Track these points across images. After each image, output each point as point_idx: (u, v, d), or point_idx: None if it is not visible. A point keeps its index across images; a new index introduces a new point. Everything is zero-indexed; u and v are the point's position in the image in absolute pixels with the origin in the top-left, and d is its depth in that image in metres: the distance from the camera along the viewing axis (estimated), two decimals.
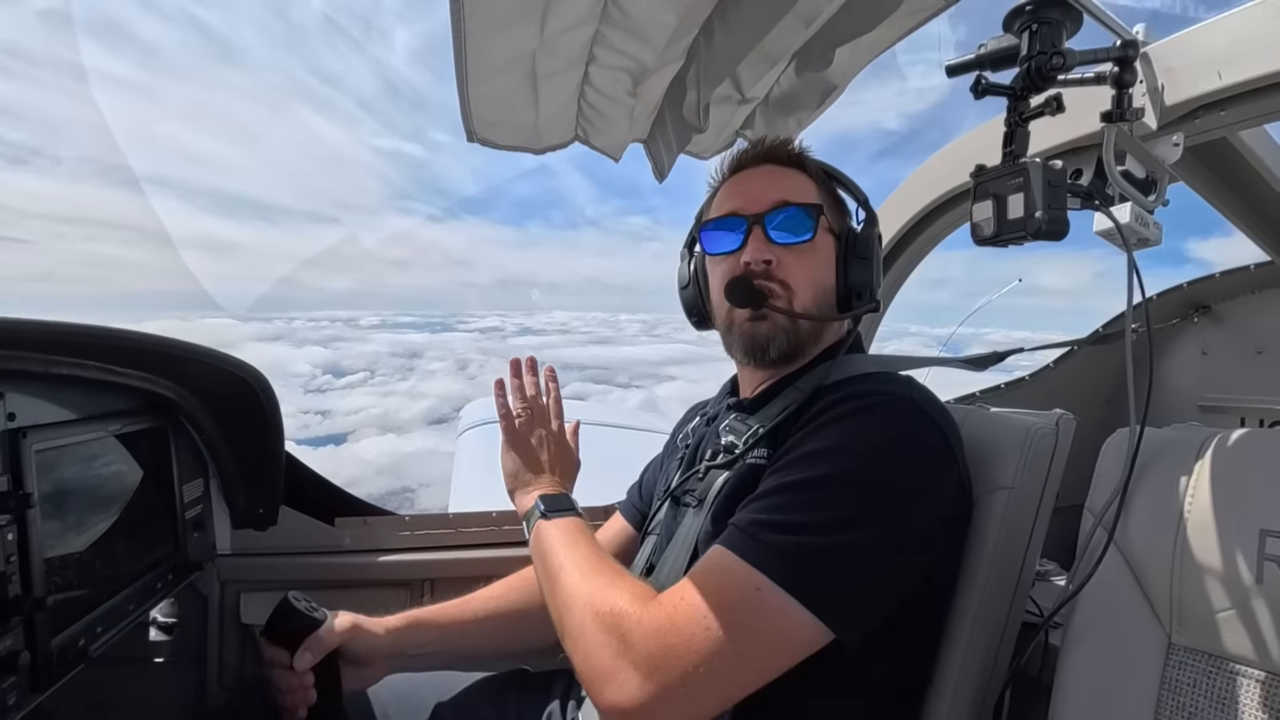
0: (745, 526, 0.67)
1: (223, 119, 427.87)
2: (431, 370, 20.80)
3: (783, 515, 0.66)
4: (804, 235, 0.85)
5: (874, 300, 0.89)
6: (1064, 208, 0.73)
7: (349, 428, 35.67)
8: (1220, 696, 0.63)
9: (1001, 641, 0.79)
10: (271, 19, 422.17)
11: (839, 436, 0.71)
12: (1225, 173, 1.17)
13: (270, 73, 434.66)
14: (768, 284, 0.85)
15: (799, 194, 0.87)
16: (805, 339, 0.87)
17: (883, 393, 0.75)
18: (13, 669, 0.68)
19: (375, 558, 1.31)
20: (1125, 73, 0.80)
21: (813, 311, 0.86)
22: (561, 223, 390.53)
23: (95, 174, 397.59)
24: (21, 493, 0.71)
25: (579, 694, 0.94)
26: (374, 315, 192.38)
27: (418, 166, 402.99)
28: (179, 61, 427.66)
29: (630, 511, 1.12)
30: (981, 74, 0.77)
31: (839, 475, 0.67)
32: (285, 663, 0.84)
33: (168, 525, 1.04)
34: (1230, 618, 0.64)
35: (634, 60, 1.01)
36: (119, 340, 0.83)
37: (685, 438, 1.02)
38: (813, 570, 0.63)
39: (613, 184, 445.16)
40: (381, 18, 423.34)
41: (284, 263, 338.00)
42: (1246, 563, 0.63)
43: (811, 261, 0.86)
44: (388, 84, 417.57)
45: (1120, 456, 0.76)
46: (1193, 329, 1.97)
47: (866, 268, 0.87)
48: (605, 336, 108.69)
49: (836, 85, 1.18)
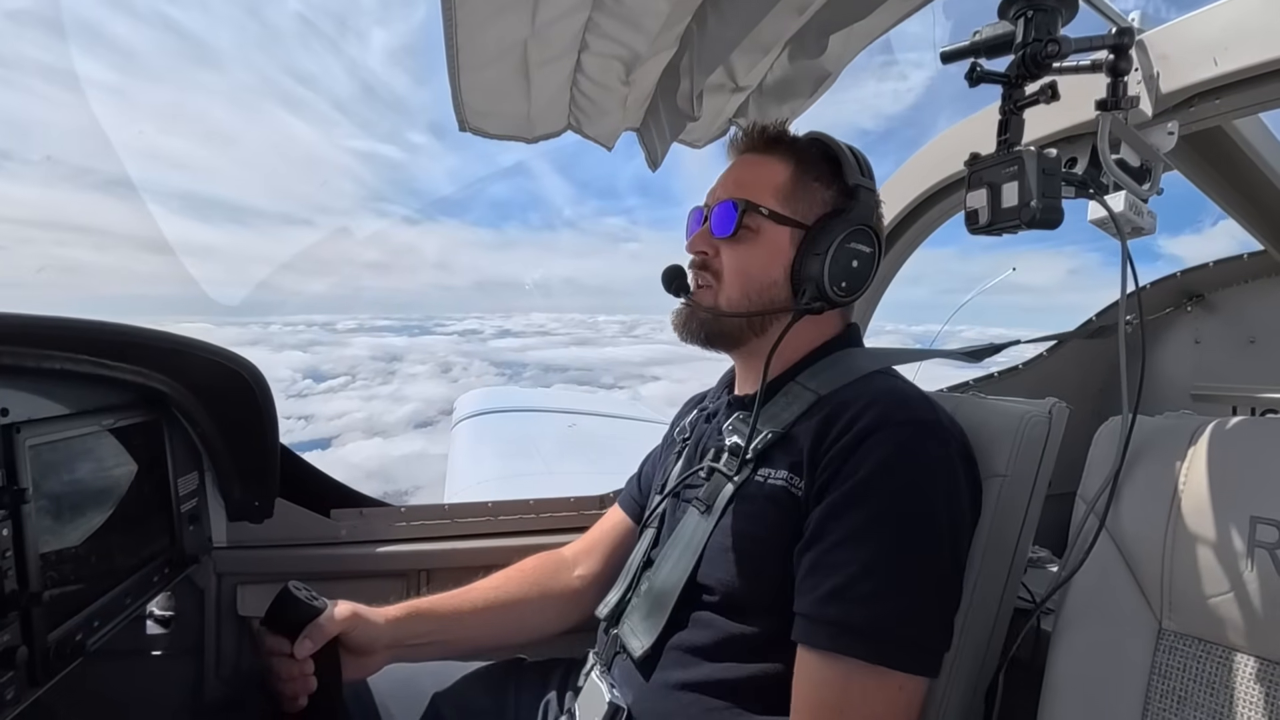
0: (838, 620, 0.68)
1: (196, 120, 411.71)
2: (413, 374, 20.66)
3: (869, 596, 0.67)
4: (726, 230, 0.87)
5: (824, 297, 0.85)
6: (1058, 196, 0.73)
7: (334, 432, 35.52)
8: (1210, 680, 0.64)
9: (994, 627, 0.80)
10: (246, 19, 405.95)
11: (885, 496, 0.71)
12: (1220, 161, 1.17)
13: (244, 73, 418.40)
14: (701, 273, 0.91)
15: (748, 185, 0.89)
16: (732, 329, 0.89)
17: (911, 423, 0.75)
18: (10, 664, 0.68)
19: (372, 549, 1.31)
20: (1120, 60, 0.80)
21: (739, 304, 0.88)
22: (539, 224, 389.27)
23: (65, 178, 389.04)
24: (16, 488, 0.71)
25: (575, 683, 0.95)
26: (350, 319, 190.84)
27: (394, 168, 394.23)
28: (151, 62, 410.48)
29: (628, 504, 1.13)
30: (976, 61, 0.76)
31: (904, 540, 0.70)
32: (285, 651, 0.84)
33: (163, 519, 1.03)
34: (1220, 603, 0.64)
35: (627, 48, 1.00)
36: (112, 334, 0.82)
37: (683, 431, 1.03)
38: (912, 635, 0.68)
39: (590, 185, 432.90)
40: (358, 18, 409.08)
41: (259, 266, 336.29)
42: (1237, 549, 0.64)
43: (744, 254, 0.88)
44: (364, 85, 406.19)
45: (1113, 444, 0.76)
46: (1186, 318, 1.98)
47: (817, 262, 0.84)
48: (585, 338, 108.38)
49: (830, 72, 1.17)
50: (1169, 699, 0.66)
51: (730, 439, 0.87)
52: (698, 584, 0.81)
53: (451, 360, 38.91)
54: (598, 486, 1.44)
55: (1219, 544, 0.65)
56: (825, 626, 0.68)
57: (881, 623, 0.66)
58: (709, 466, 0.88)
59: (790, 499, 0.77)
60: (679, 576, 0.82)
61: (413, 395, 45.48)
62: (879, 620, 0.66)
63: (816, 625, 0.69)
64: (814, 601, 0.69)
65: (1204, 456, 0.69)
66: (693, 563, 0.82)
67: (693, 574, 0.81)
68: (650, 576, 0.87)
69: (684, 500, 0.90)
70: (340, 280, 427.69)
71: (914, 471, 0.72)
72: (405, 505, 1.39)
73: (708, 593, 0.80)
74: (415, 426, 36.20)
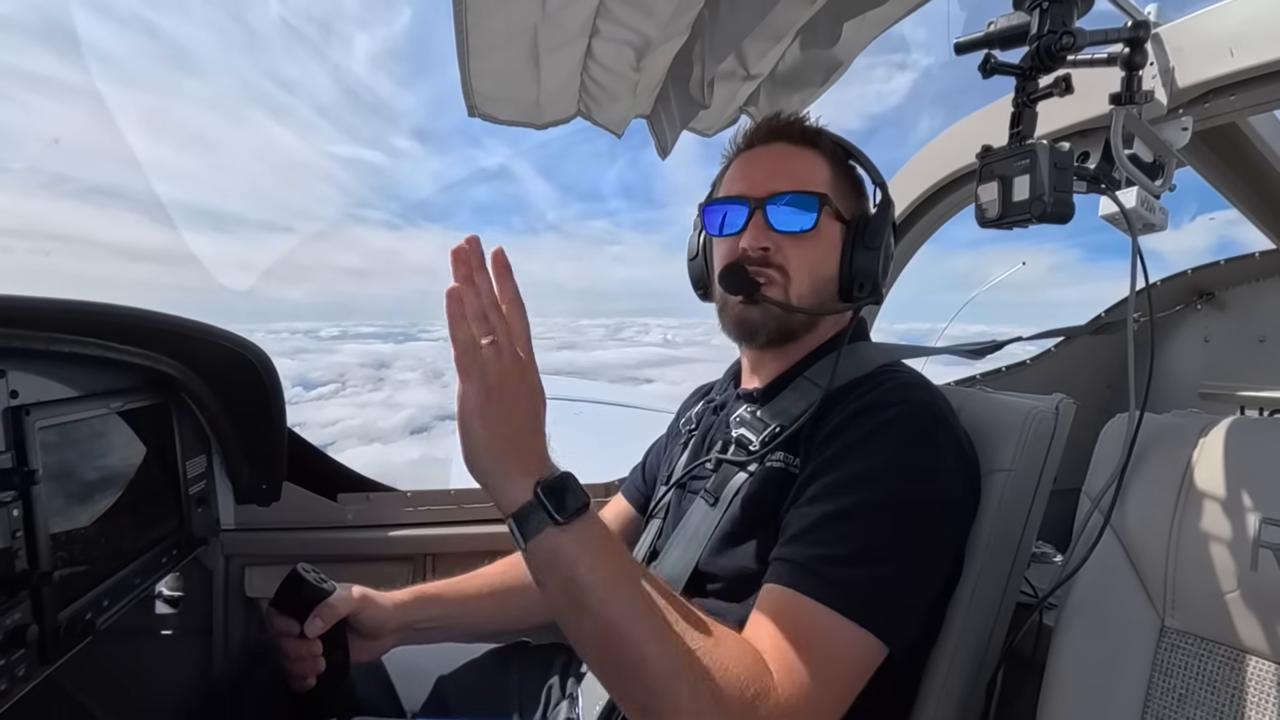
0: (807, 563, 0.68)
1: (177, 127, 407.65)
2: (403, 380, 20.05)
3: (841, 549, 0.67)
4: (805, 224, 0.84)
5: (877, 292, 0.87)
6: (1070, 191, 0.73)
7: (328, 439, 35.35)
8: (1211, 679, 0.64)
9: (997, 620, 0.80)
10: (229, 24, 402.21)
11: (874, 456, 0.71)
12: (1233, 158, 1.16)
13: (226, 79, 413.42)
14: (764, 270, 0.84)
15: (806, 178, 0.86)
16: (798, 326, 0.87)
17: (908, 401, 0.76)
18: (21, 642, 0.69)
19: (378, 533, 1.32)
20: (1136, 54, 0.79)
21: (809, 301, 0.85)
22: (522, 228, 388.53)
23: (44, 185, 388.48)
24: (26, 469, 0.71)
25: (579, 669, 0.96)
26: (334, 326, 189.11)
27: (377, 173, 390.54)
28: (131, 68, 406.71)
29: (633, 493, 1.13)
30: (990, 52, 0.76)
31: (884, 501, 0.69)
32: (295, 632, 0.85)
33: (171, 501, 1.04)
34: (1223, 603, 0.64)
35: (638, 33, 0.99)
36: (119, 317, 0.83)
37: (689, 422, 1.02)
38: (880, 600, 0.66)
39: (574, 188, 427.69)
40: (342, 23, 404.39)
41: (241, 274, 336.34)
42: (1241, 549, 0.64)
43: (811, 250, 0.85)
44: (347, 90, 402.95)
45: (1119, 441, 0.76)
46: (1195, 316, 1.96)
47: (873, 258, 0.86)
48: (570, 341, 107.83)
49: (842, 61, 1.16)
50: (1169, 696, 0.66)
51: (738, 431, 0.87)
52: (702, 573, 0.81)
53: (442, 366, 38.36)
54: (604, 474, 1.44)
55: (1224, 544, 0.65)
56: (797, 568, 0.68)
57: (852, 578, 0.66)
58: (716, 458, 0.88)
59: (787, 478, 0.77)
60: (685, 566, 0.82)
61: (406, 402, 45.23)
62: (851, 576, 0.66)
63: (785, 565, 0.69)
64: (790, 546, 0.70)
65: (1211, 456, 0.69)
66: (698, 553, 0.82)
67: (698, 563, 0.82)
68: (656, 567, 0.88)
69: (690, 491, 0.90)
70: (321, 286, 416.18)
71: (912, 451, 0.72)
72: (411, 490, 1.40)
73: (712, 581, 0.81)
74: (411, 433, 36.03)
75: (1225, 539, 0.65)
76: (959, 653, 0.77)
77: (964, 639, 0.77)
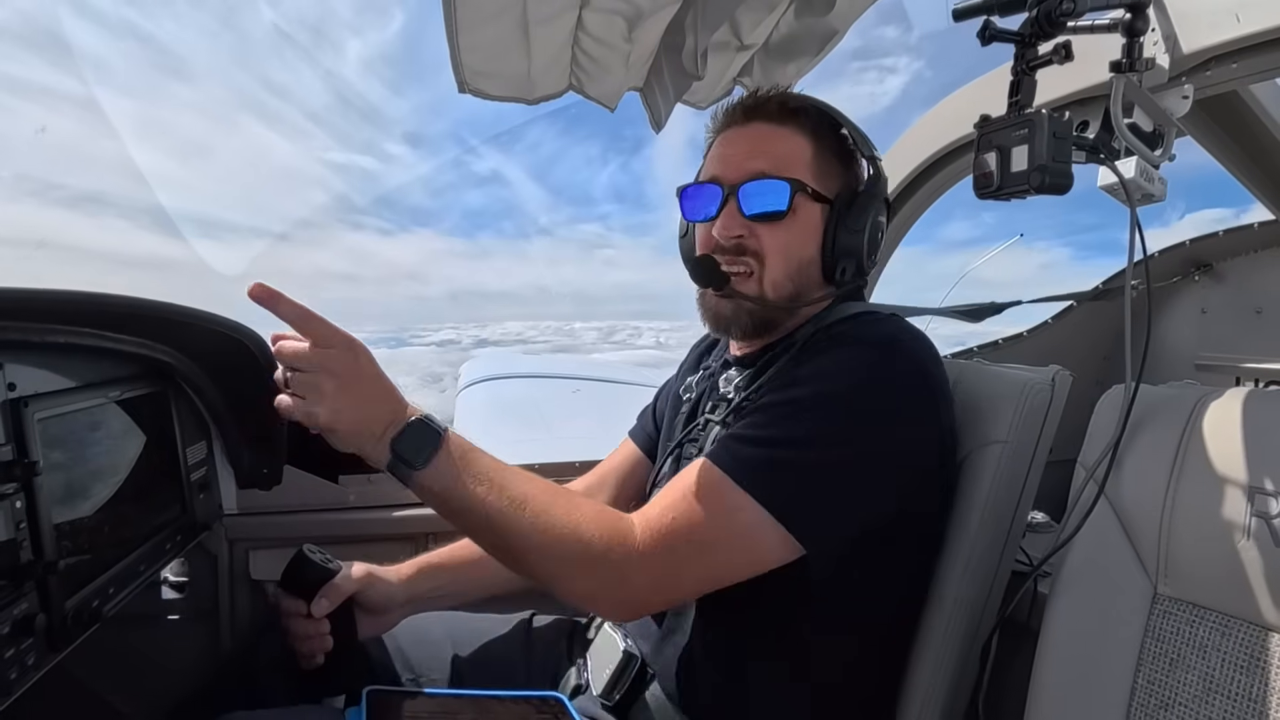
0: (724, 441, 0.74)
1: (167, 133, 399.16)
2: (401, 385, 20.33)
3: (756, 431, 0.73)
4: (779, 208, 0.81)
5: (862, 276, 0.86)
6: (1069, 161, 0.72)
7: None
8: (1201, 644, 0.65)
9: (991, 588, 0.82)
10: (220, 29, 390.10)
11: (817, 365, 0.76)
12: (1234, 127, 1.15)
13: (216, 85, 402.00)
14: (739, 259, 0.83)
15: (783, 160, 0.83)
16: (776, 315, 0.85)
17: (869, 331, 0.79)
18: (30, 631, 0.70)
19: (380, 513, 1.33)
20: (1137, 20, 0.77)
21: (786, 288, 0.83)
22: (513, 232, 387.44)
23: (31, 193, 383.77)
24: (27, 461, 0.71)
25: (587, 635, 0.98)
26: None
27: (368, 179, 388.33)
28: (121, 74, 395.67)
29: (640, 436, 1.13)
30: (989, 18, 0.74)
31: (811, 397, 0.73)
32: (302, 612, 0.86)
33: (173, 488, 1.05)
34: (1215, 570, 0.65)
35: (629, 3, 0.97)
36: (113, 306, 0.82)
37: (688, 389, 1.03)
38: (777, 480, 0.70)
39: (565, 191, 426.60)
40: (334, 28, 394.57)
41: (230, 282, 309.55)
42: (1235, 519, 0.64)
43: (786, 235, 0.83)
44: (339, 96, 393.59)
45: (1115, 412, 0.76)
46: (1193, 287, 1.96)
47: (856, 238, 0.83)
48: (564, 344, 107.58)
49: (837, 30, 1.14)
50: (1161, 661, 0.67)
51: (725, 389, 0.90)
52: None
53: (439, 371, 38.33)
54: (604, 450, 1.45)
55: (1217, 513, 0.66)
56: (715, 445, 0.75)
57: (756, 455, 0.71)
58: (705, 419, 0.90)
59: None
60: None
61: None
62: (756, 454, 0.71)
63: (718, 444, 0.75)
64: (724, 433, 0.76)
65: (1206, 427, 0.70)
66: None
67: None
68: None
69: (685, 456, 0.91)
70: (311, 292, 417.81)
71: (863, 367, 0.74)
72: None
73: None
74: None
75: (1218, 508, 0.66)
76: (954, 619, 0.79)
77: (959, 606, 0.79)
